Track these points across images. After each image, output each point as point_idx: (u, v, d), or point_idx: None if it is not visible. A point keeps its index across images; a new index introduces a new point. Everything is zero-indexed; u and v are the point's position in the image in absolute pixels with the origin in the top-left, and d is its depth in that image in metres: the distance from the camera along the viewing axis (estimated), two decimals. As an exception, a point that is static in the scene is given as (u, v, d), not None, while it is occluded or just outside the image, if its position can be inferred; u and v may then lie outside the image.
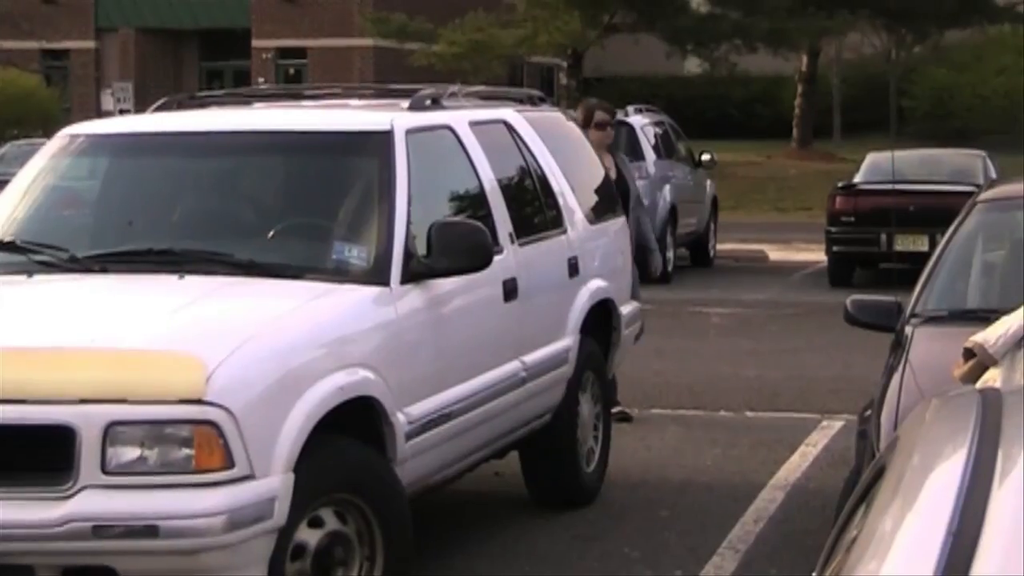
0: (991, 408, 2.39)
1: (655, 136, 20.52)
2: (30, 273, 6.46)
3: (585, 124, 9.96)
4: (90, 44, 46.65)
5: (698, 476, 8.71)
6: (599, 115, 10.44)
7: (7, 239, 6.76)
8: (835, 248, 18.74)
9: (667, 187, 19.90)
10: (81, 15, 45.66)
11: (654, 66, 43.53)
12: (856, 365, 11.56)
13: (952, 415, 2.50)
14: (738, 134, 43.64)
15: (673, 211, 19.89)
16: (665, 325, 14.20)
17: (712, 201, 22.17)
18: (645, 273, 10.34)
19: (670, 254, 19.81)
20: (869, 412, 6.21)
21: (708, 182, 22.26)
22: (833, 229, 18.74)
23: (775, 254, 22.92)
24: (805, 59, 41.09)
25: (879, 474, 2.53)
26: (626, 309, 8.86)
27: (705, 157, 21.91)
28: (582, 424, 8.16)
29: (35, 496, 5.27)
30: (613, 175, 9.83)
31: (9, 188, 7.24)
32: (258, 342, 5.62)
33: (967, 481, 2.08)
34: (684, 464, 9.07)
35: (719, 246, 22.46)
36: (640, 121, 20.36)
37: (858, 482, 2.89)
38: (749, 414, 10.73)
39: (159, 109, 7.82)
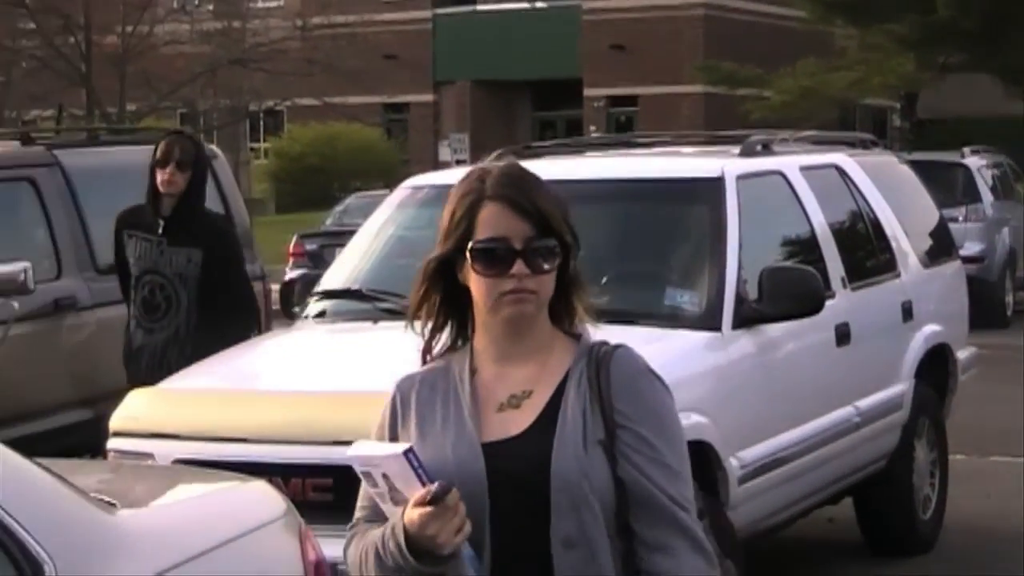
0: None
1: (992, 177, 20.08)
2: (375, 320, 6.72)
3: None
4: (428, 97, 47.93)
5: (1040, 526, 8.48)
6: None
7: (355, 287, 7.04)
8: None
9: (1005, 229, 19.43)
10: (420, 69, 46.92)
11: (993, 106, 42.47)
12: None
13: None
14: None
15: (1012, 254, 19.39)
16: (1004, 371, 13.82)
17: (1055, 244, 21.49)
18: None
19: (1009, 298, 19.30)
20: None
21: (1051, 225, 21.59)
22: None
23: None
24: None
25: None
26: (963, 354, 8.70)
27: (1047, 199, 21.28)
28: (918, 470, 8.04)
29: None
30: None
31: (356, 238, 7.55)
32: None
33: None
34: (1025, 513, 8.83)
35: (1063, 290, 21.73)
36: (976, 162, 19.97)
37: None
38: (1095, 463, 10.38)
39: (494, 160, 8.03)
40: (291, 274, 7.97)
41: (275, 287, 9.67)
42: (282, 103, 39.34)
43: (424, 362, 3.08)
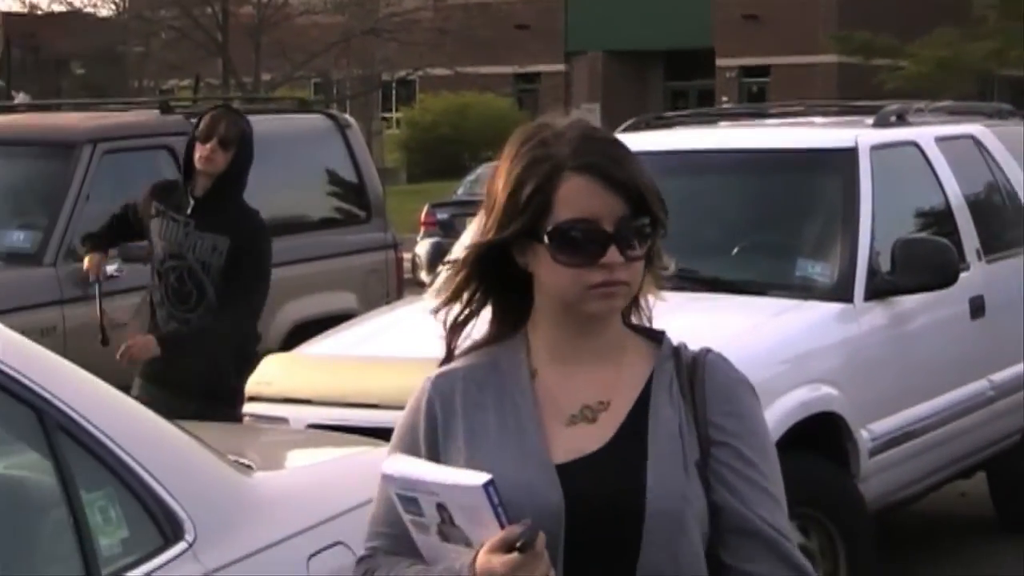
0: None
1: None
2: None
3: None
4: (560, 67, 47.95)
5: None
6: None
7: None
8: None
9: None
10: (552, 39, 46.97)
11: None
12: None
13: None
14: None
15: None
16: None
17: None
18: None
19: None
20: None
21: None
22: None
23: None
24: None
25: None
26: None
27: None
28: (1053, 446, 7.95)
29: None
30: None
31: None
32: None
33: None
34: None
35: None
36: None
37: None
38: None
39: (627, 130, 8.03)
40: (422, 244, 7.98)
41: (407, 256, 9.78)
42: (414, 73, 39.59)
43: (447, 359, 2.53)
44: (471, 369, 2.49)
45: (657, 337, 2.50)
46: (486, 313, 2.52)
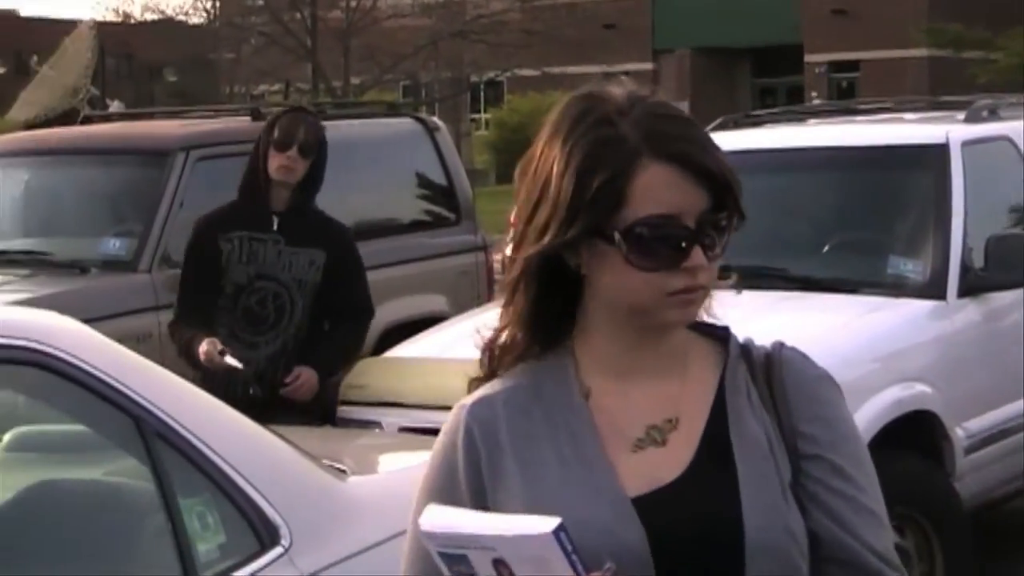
0: None
1: None
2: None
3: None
4: (648, 65, 47.84)
5: None
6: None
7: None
8: None
9: None
10: (639, 38, 46.89)
11: None
12: None
13: None
14: None
15: None
16: None
17: None
18: None
19: None
20: None
21: None
22: None
23: None
24: None
25: None
26: None
27: None
28: None
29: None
30: None
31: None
32: (814, 355, 5.69)
33: None
34: None
35: None
36: None
37: None
38: None
39: (716, 129, 8.01)
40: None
41: (497, 257, 9.80)
42: (502, 74, 39.65)
43: (485, 380, 2.18)
44: (511, 392, 2.11)
45: (721, 335, 2.15)
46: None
